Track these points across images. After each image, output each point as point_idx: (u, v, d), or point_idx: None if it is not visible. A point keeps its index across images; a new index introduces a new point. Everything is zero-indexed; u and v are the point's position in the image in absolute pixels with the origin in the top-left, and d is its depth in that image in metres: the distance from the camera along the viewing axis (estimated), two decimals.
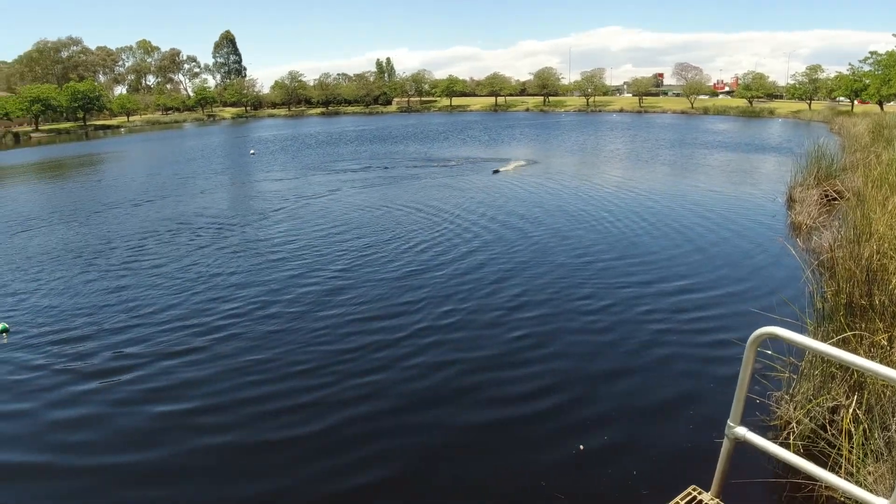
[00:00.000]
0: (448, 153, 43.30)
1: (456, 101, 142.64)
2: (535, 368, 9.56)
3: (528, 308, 12.14)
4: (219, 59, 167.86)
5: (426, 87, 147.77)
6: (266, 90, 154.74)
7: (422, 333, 10.98)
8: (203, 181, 34.11)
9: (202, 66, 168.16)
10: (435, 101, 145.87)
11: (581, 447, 7.37)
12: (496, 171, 31.67)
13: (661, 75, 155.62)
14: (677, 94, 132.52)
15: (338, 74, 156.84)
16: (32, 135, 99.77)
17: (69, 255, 18.27)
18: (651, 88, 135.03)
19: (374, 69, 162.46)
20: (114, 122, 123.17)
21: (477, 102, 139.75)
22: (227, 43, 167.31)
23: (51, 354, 10.81)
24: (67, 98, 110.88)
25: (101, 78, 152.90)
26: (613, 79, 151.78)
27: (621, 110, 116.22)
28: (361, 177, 32.48)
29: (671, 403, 8.37)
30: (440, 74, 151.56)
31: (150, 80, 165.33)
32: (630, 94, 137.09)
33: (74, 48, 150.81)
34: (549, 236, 18.09)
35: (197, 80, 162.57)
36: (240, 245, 18.51)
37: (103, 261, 17.38)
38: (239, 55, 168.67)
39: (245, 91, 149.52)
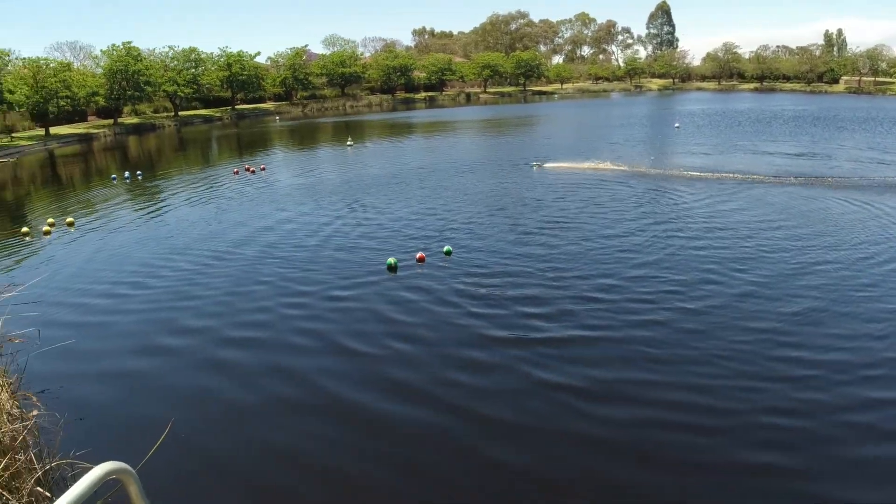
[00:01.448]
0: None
1: None
2: None
3: None
4: (652, 30, 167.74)
5: (884, 65, 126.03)
6: (697, 62, 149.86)
7: None
8: (623, 150, 34.51)
9: (635, 37, 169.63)
10: (893, 83, 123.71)
11: None
12: None
13: None
14: None
15: (777, 47, 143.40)
16: (481, 95, 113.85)
17: (498, 200, 20.27)
18: None
19: (820, 42, 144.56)
20: (548, 88, 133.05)
21: None
22: (662, 14, 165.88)
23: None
24: (512, 65, 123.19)
25: (542, 48, 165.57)
26: None
27: None
28: (797, 164, 28.98)
29: None
30: None
31: (585, 50, 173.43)
32: None
33: (521, 21, 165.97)
34: None
35: (629, 51, 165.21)
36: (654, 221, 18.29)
37: (530, 213, 18.88)
38: (672, 26, 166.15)
39: (675, 63, 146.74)
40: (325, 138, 52.43)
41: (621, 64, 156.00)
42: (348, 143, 41.83)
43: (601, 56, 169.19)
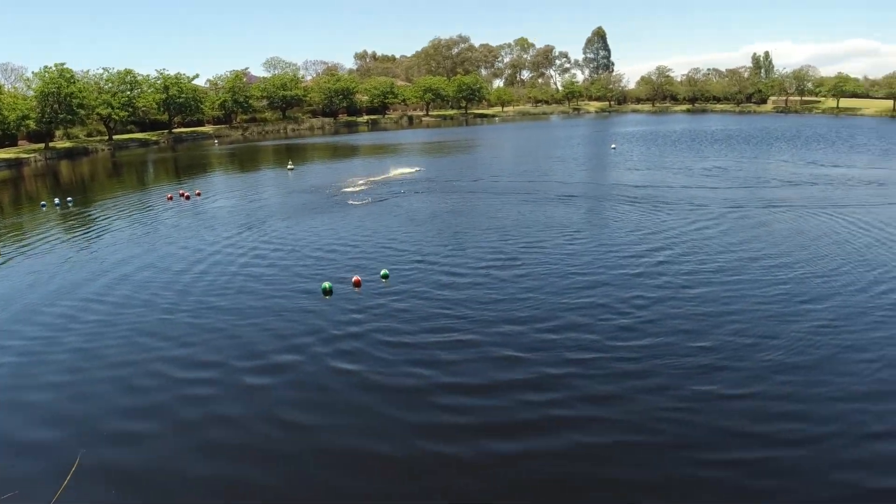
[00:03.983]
0: (829, 161, 38.10)
1: (844, 102, 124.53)
2: None
3: None
4: (589, 55, 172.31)
5: (809, 85, 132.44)
6: (632, 85, 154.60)
7: None
8: (563, 172, 35.28)
9: (573, 61, 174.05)
10: (818, 101, 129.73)
11: None
12: None
13: None
14: None
15: (708, 70, 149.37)
16: (424, 118, 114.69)
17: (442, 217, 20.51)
18: None
19: (749, 64, 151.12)
20: (490, 111, 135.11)
21: (871, 106, 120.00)
22: (598, 39, 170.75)
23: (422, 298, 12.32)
24: (454, 89, 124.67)
25: (483, 72, 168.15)
26: None
27: None
28: (726, 179, 30.31)
29: None
30: (830, 72, 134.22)
31: (525, 74, 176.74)
32: None
33: (462, 45, 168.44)
34: None
35: (566, 75, 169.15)
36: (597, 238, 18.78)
37: (465, 228, 19.15)
38: (608, 50, 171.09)
39: (611, 86, 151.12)
40: (266, 162, 51.96)
41: (560, 87, 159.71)
42: (289, 166, 41.56)
43: (540, 80, 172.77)
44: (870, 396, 8.56)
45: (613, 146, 50.37)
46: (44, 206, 29.81)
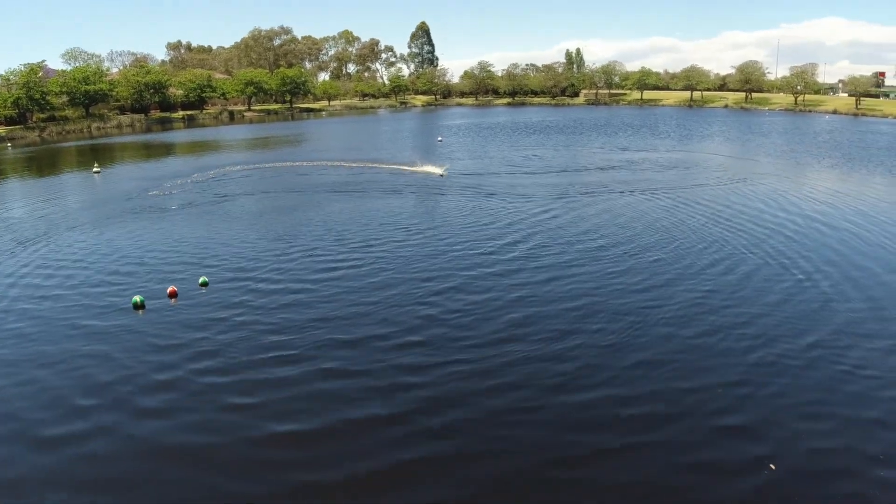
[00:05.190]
0: (633, 146, 41.93)
1: (647, 94, 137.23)
2: None
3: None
4: (413, 49, 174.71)
5: (616, 79, 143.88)
6: (456, 80, 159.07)
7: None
8: (393, 166, 35.71)
9: (398, 55, 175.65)
10: (625, 94, 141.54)
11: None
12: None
13: (882, 74, 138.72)
14: None
15: (526, 65, 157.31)
16: (245, 114, 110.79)
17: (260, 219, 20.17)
18: (871, 89, 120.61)
19: (563, 60, 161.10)
20: (316, 105, 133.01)
21: (670, 97, 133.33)
22: (423, 34, 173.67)
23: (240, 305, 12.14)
24: (277, 82, 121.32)
25: (307, 65, 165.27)
26: (827, 76, 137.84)
27: (834, 112, 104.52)
28: (547, 167, 32.41)
29: None
30: (635, 66, 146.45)
31: (351, 67, 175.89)
32: (846, 94, 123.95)
33: (285, 37, 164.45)
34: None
35: (392, 69, 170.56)
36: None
37: (280, 225, 19.01)
38: (432, 45, 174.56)
39: (436, 80, 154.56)
40: (69, 165, 47.67)
41: (386, 81, 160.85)
42: (95, 169, 38.45)
43: (367, 73, 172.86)
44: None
45: (440, 139, 51.74)
46: None
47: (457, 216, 20.47)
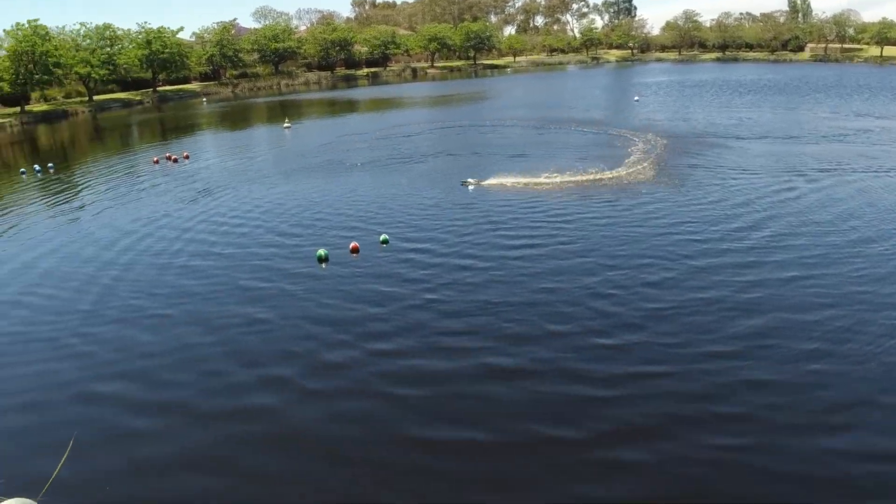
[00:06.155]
0: (873, 111, 37.51)
1: (888, 50, 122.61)
2: None
3: None
4: None
5: (850, 31, 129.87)
6: (656, 32, 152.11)
7: None
8: (575, 133, 34.80)
9: (591, 5, 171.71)
10: (860, 49, 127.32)
11: None
12: None
13: None
14: None
15: (740, 14, 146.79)
16: (428, 70, 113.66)
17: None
18: None
19: (785, 8, 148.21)
20: (500, 61, 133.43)
21: None
22: None
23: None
24: (461, 37, 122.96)
25: (493, 18, 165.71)
26: None
27: None
28: (765, 131, 29.86)
29: None
30: (873, 17, 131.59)
31: (539, 20, 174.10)
32: None
33: None
34: None
35: (584, 21, 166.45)
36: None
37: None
38: None
39: (633, 32, 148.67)
40: (259, 120, 51.66)
41: (577, 34, 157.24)
42: (285, 124, 41.22)
43: (555, 26, 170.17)
44: None
45: (637, 98, 49.81)
46: (23, 173, 29.73)
47: (664, 190, 18.85)
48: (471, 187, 19.54)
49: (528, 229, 14.98)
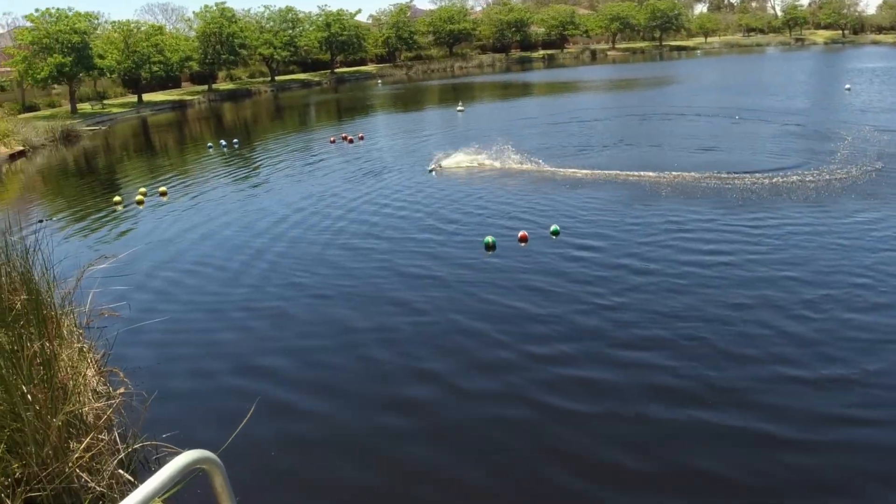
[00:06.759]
0: None
1: None
2: None
3: None
4: None
5: None
6: (872, 10, 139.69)
7: None
8: (772, 126, 32.53)
9: None
10: None
11: None
12: None
13: None
14: None
15: None
16: (609, 52, 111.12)
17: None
18: None
19: None
20: (690, 43, 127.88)
21: None
22: None
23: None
24: (646, 16, 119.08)
25: None
26: None
27: None
28: None
29: None
30: None
31: None
32: None
33: None
34: None
35: None
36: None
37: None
38: None
39: (845, 11, 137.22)
40: (432, 102, 52.87)
41: (779, 13, 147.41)
42: (459, 107, 41.84)
43: (754, 3, 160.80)
44: None
45: (847, 87, 45.80)
46: (210, 147, 32.40)
47: (883, 197, 16.05)
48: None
49: (714, 233, 13.65)
